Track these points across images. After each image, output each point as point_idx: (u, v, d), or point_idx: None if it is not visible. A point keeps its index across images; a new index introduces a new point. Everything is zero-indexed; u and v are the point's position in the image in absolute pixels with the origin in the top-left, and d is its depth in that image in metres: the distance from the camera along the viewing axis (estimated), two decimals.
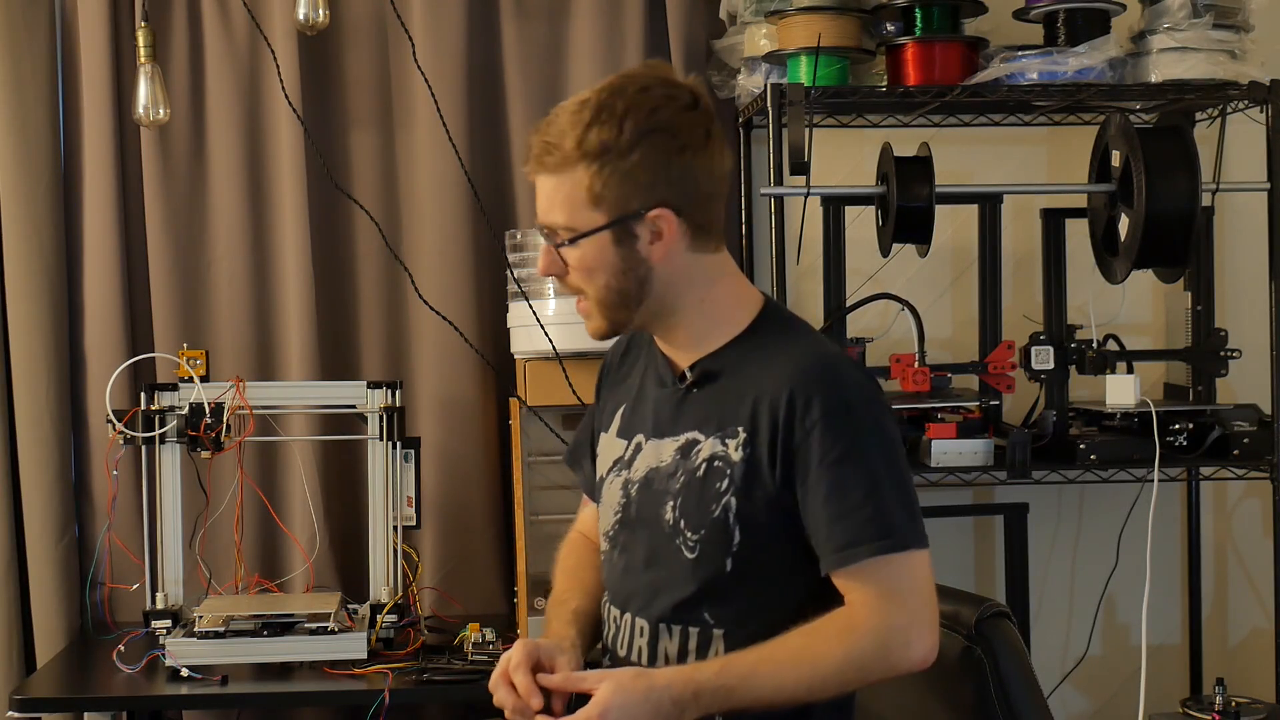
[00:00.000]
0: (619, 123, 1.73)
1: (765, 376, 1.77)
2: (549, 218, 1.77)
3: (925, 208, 2.97)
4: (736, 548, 1.75)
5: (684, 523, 1.78)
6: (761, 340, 1.82)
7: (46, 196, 3.23)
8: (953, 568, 3.45)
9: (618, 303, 1.78)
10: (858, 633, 1.70)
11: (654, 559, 1.81)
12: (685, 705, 1.65)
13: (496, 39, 3.35)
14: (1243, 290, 3.39)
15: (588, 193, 1.73)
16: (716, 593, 1.77)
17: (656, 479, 1.82)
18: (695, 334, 1.82)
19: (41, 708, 2.79)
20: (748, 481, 1.75)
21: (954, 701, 2.06)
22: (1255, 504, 3.45)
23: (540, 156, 1.75)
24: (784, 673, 1.68)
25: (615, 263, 1.76)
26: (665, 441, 1.82)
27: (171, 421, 2.94)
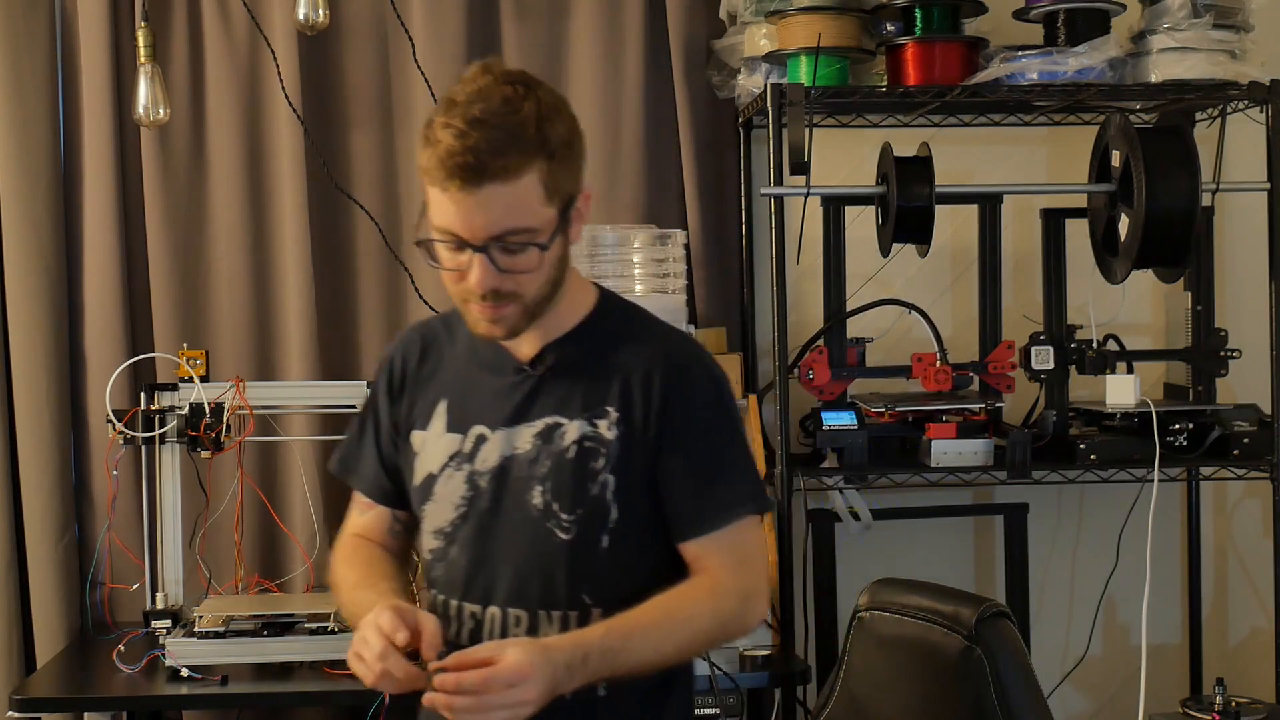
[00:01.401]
0: (557, 110, 1.71)
1: (629, 357, 1.80)
2: (505, 226, 1.67)
3: (925, 208, 2.97)
4: (613, 524, 1.78)
5: (557, 505, 1.77)
6: (611, 324, 1.85)
7: (46, 196, 3.23)
8: (953, 568, 3.45)
9: (549, 296, 1.77)
10: (723, 594, 1.76)
11: (520, 546, 1.79)
12: (575, 670, 1.66)
13: (496, 39, 3.35)
14: (1243, 290, 3.39)
15: (544, 190, 1.69)
16: (593, 572, 1.77)
17: (515, 466, 1.79)
18: (553, 318, 1.81)
19: (41, 708, 2.79)
20: (624, 459, 1.77)
21: (954, 701, 2.06)
22: (1255, 504, 3.45)
23: (485, 166, 1.65)
24: (661, 634, 1.72)
25: (558, 254, 1.76)
26: (519, 429, 1.80)
27: (171, 421, 2.94)
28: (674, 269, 3.14)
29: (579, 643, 1.68)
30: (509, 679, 1.61)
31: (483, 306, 1.73)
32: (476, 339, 1.83)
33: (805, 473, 3.01)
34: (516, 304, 1.73)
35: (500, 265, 1.69)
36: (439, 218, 1.71)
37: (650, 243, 3.13)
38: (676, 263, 3.15)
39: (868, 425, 3.02)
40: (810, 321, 3.29)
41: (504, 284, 1.71)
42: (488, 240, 1.68)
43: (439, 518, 1.85)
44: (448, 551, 1.84)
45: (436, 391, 1.87)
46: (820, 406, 3.05)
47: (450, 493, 1.83)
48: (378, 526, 1.96)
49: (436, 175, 1.68)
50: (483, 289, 1.70)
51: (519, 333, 1.78)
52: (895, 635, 2.20)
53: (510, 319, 1.74)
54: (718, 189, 3.36)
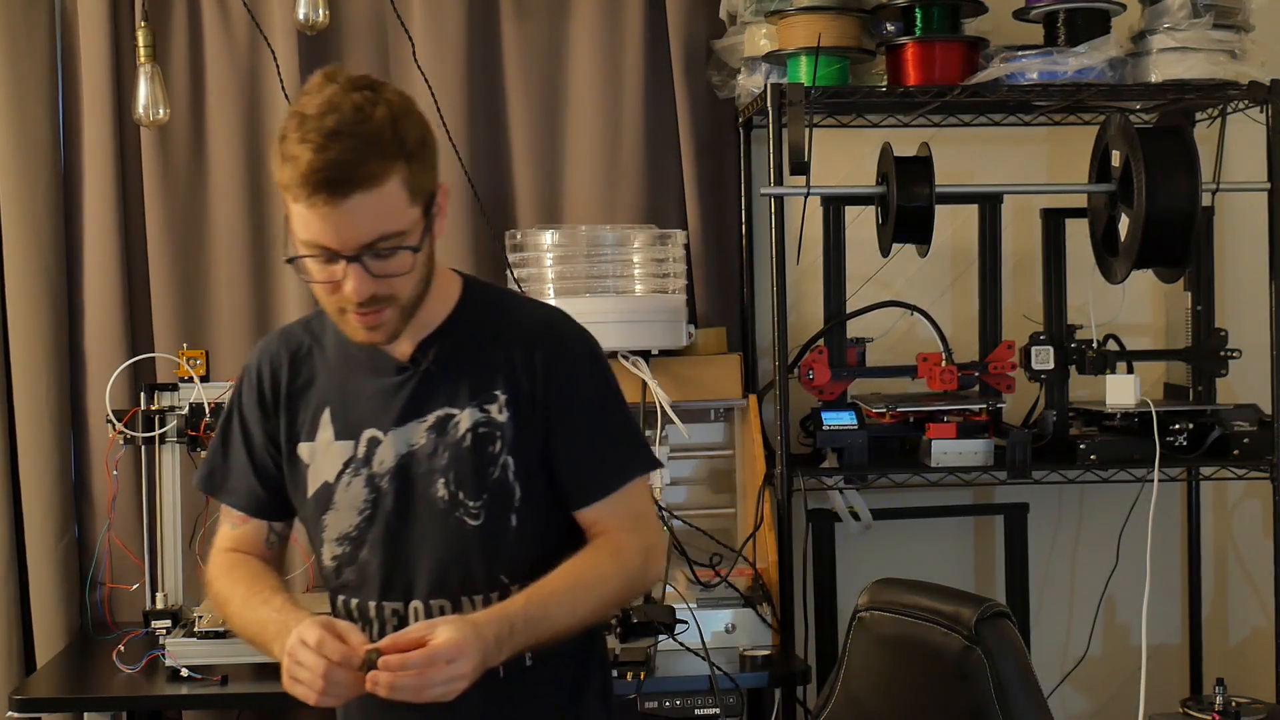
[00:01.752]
0: (408, 110, 1.72)
1: (507, 340, 1.84)
2: (375, 232, 1.67)
3: (925, 208, 2.97)
4: (518, 504, 1.82)
5: (462, 494, 1.81)
6: (479, 309, 1.87)
7: (46, 196, 3.23)
8: (953, 568, 3.45)
9: (421, 295, 1.78)
10: (625, 552, 1.83)
11: (433, 540, 1.83)
12: (504, 641, 1.70)
13: (496, 39, 3.35)
14: (1243, 290, 3.39)
15: (408, 191, 1.69)
16: (506, 552, 1.82)
17: (415, 463, 1.82)
18: (423, 314, 1.82)
19: (41, 708, 2.79)
20: (519, 439, 1.81)
21: (954, 701, 2.06)
22: (1255, 504, 3.45)
23: (348, 177, 1.64)
24: (576, 598, 1.77)
25: (429, 252, 1.77)
26: (411, 426, 1.83)
27: (171, 421, 2.94)
28: (674, 269, 3.14)
29: (504, 615, 1.72)
30: (446, 654, 1.64)
31: (360, 315, 1.74)
32: (347, 342, 1.85)
33: (805, 473, 3.01)
34: (393, 307, 1.75)
35: (374, 271, 1.70)
36: (306, 232, 1.69)
37: (650, 243, 3.13)
38: (676, 263, 3.15)
39: (868, 425, 3.02)
40: (810, 321, 3.29)
41: (379, 289, 1.72)
42: (359, 249, 1.68)
43: (342, 524, 1.87)
44: (356, 555, 1.87)
45: (317, 401, 1.88)
46: (820, 406, 3.05)
47: (351, 498, 1.86)
48: (253, 540, 1.97)
49: (300, 192, 1.66)
50: (360, 297, 1.71)
51: (398, 335, 1.80)
52: (895, 635, 2.20)
53: (389, 323, 1.77)
54: (718, 189, 3.36)
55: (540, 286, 3.07)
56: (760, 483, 3.01)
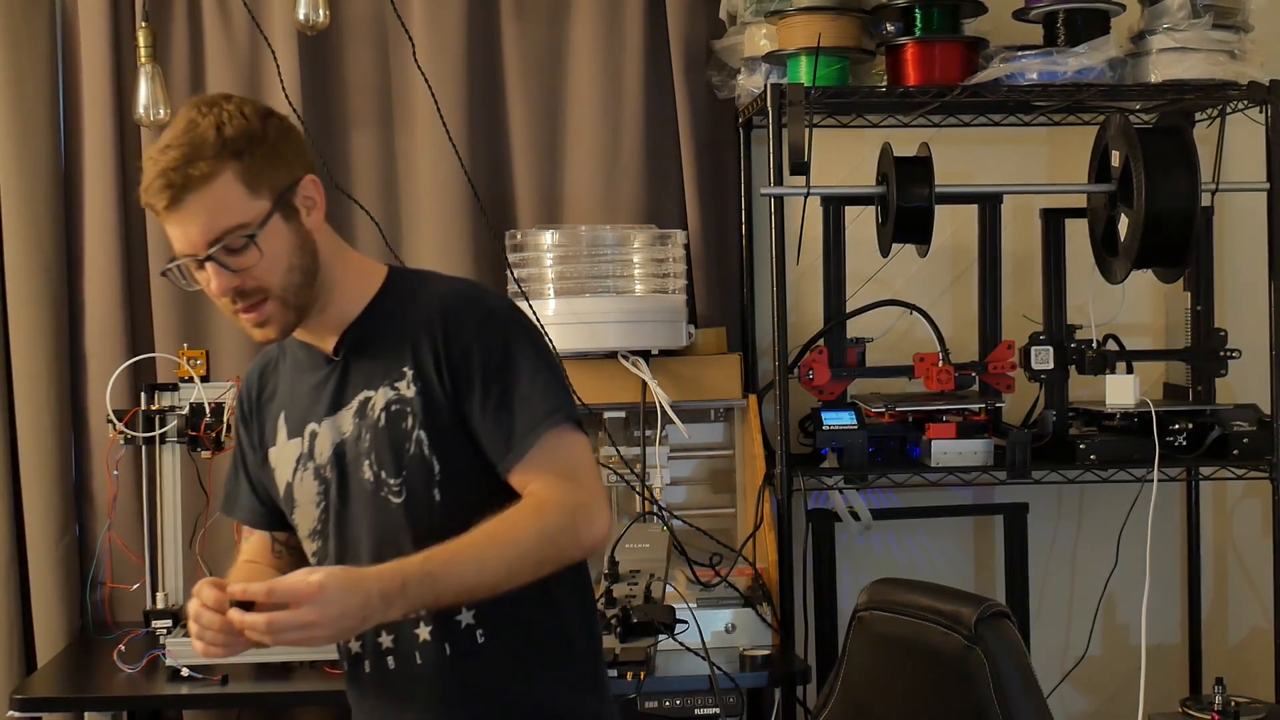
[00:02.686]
0: (241, 114, 1.79)
1: (415, 317, 1.86)
2: (217, 229, 1.75)
3: (925, 208, 2.98)
4: (439, 476, 1.82)
5: (384, 472, 1.83)
6: (398, 295, 1.90)
7: (46, 196, 3.23)
8: (952, 568, 3.45)
9: (301, 284, 1.82)
10: (546, 509, 1.78)
11: (367, 523, 1.85)
12: (393, 597, 1.67)
13: (496, 39, 3.35)
14: (1242, 290, 3.39)
15: (245, 186, 1.76)
16: (433, 527, 1.80)
17: (346, 450, 1.86)
18: (341, 305, 1.87)
19: (42, 707, 2.79)
20: (429, 412, 1.82)
21: (954, 701, 2.07)
22: (1255, 504, 3.45)
23: (179, 183, 1.74)
24: (484, 553, 1.74)
25: (293, 241, 1.81)
26: (340, 414, 1.87)
27: (172, 421, 2.95)
28: (674, 269, 3.15)
29: (396, 570, 1.70)
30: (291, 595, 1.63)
31: (244, 313, 1.82)
32: (297, 348, 1.93)
33: (805, 473, 3.01)
34: (272, 300, 1.81)
35: (230, 266, 1.77)
36: (174, 246, 1.80)
37: (650, 243, 3.13)
38: (676, 263, 3.15)
39: (868, 425, 3.02)
40: (810, 321, 3.29)
41: (244, 282, 1.78)
42: (208, 247, 1.76)
43: (308, 520, 1.91)
44: (326, 549, 1.90)
45: (276, 407, 1.96)
46: (820, 406, 3.06)
47: (307, 493, 1.90)
48: (261, 550, 2.03)
49: (150, 208, 1.78)
50: (222, 291, 1.79)
51: (291, 328, 1.84)
52: (895, 635, 2.20)
53: (274, 317, 1.82)
54: (718, 189, 3.36)
55: (540, 286, 3.07)
56: (760, 483, 3.02)
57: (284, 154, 1.81)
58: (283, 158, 1.81)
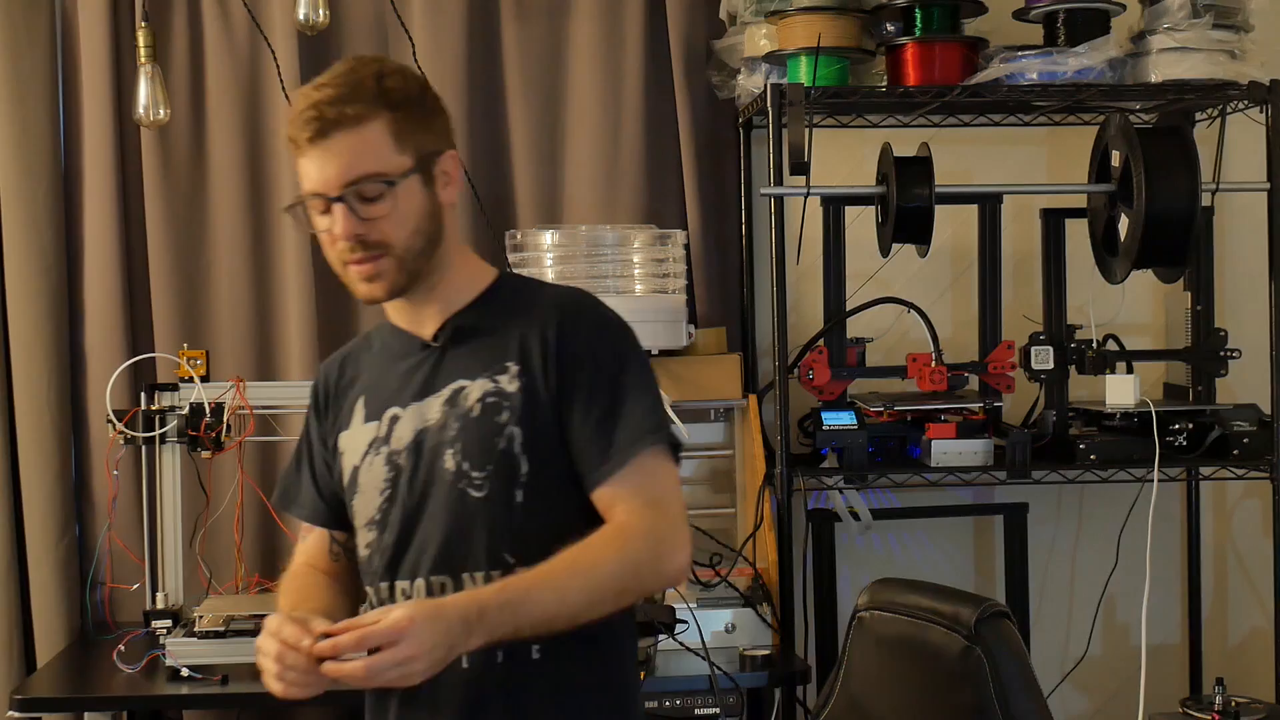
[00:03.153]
0: (402, 73, 1.82)
1: (527, 316, 1.84)
2: (357, 171, 1.75)
3: (925, 208, 2.98)
4: (525, 478, 1.78)
5: (468, 464, 1.79)
6: (508, 295, 1.90)
7: (46, 197, 3.23)
8: (953, 568, 3.45)
9: (421, 250, 1.81)
10: (630, 538, 1.74)
11: (441, 514, 1.80)
12: (472, 626, 1.64)
13: (496, 39, 3.35)
14: (1242, 290, 3.39)
15: (394, 138, 1.78)
16: (512, 529, 1.78)
17: (428, 436, 1.82)
18: (449, 293, 1.86)
19: (42, 707, 2.79)
20: (528, 409, 1.79)
21: (954, 701, 2.07)
22: (1255, 504, 3.45)
23: (331, 118, 1.75)
24: (564, 583, 1.70)
25: (425, 206, 1.81)
26: (428, 401, 1.83)
27: (172, 421, 2.94)
28: (674, 269, 3.15)
29: (474, 598, 1.67)
30: (386, 637, 1.60)
31: (358, 267, 1.79)
32: (389, 336, 1.91)
33: (805, 473, 3.01)
34: (389, 257, 1.78)
35: (360, 214, 1.76)
36: (304, 184, 1.80)
37: (650, 243, 3.13)
38: (676, 263, 3.15)
39: (868, 425, 3.02)
40: (810, 321, 3.29)
41: (369, 232, 1.77)
42: (343, 188, 1.76)
43: (368, 507, 1.86)
44: (380, 540, 1.85)
45: (356, 392, 1.92)
46: (820, 406, 3.05)
47: (373, 479, 1.85)
48: (318, 550, 1.97)
49: (294, 142, 1.80)
50: (347, 235, 1.76)
51: (398, 291, 1.82)
52: (895, 635, 2.20)
53: (386, 274, 1.79)
54: (718, 189, 3.36)
55: None
56: (760, 483, 3.02)
57: (434, 124, 1.84)
58: (433, 126, 1.83)
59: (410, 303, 1.86)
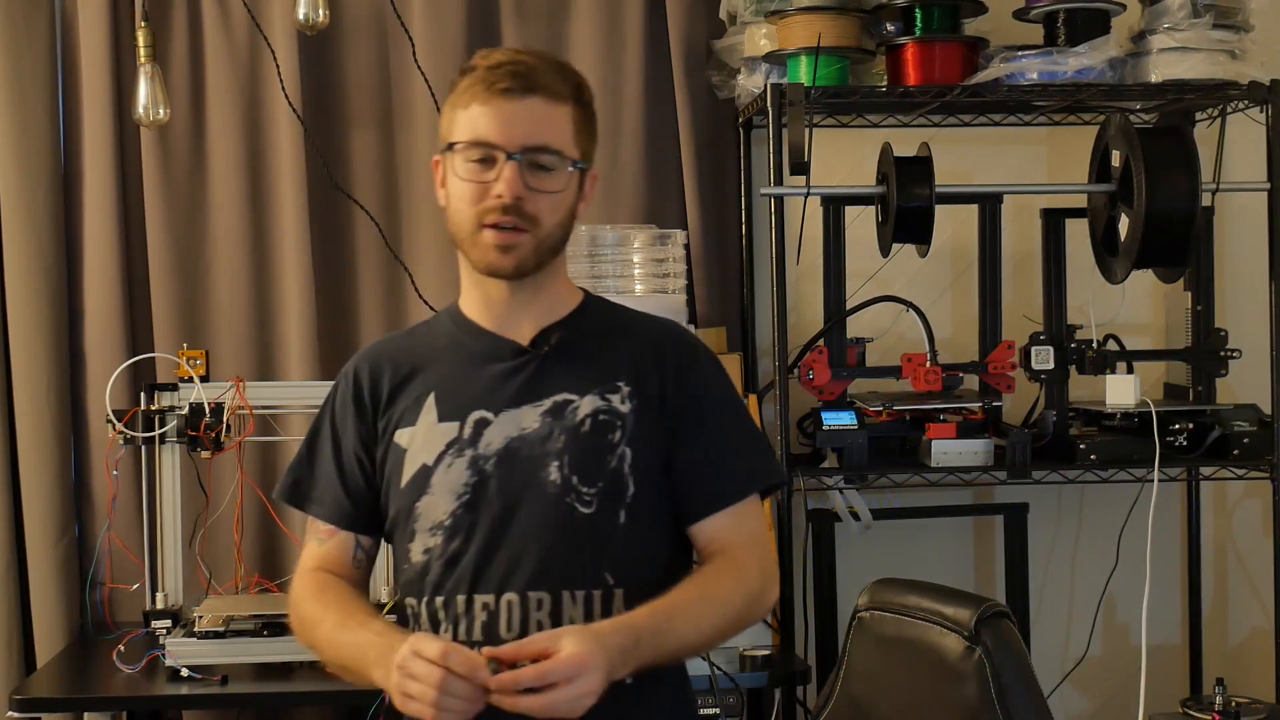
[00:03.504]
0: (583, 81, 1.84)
1: (633, 339, 1.84)
2: (544, 139, 1.75)
3: (925, 208, 2.97)
4: (630, 500, 1.77)
5: (576, 479, 1.76)
6: (603, 313, 1.90)
7: (46, 197, 3.23)
8: (952, 568, 3.44)
9: (556, 243, 1.81)
10: (746, 572, 1.77)
11: (538, 526, 1.76)
12: (628, 655, 1.63)
13: (496, 39, 3.35)
14: (1243, 290, 3.39)
15: (575, 130, 1.79)
16: (612, 548, 1.76)
17: (525, 446, 1.78)
18: (549, 301, 1.85)
19: (41, 708, 2.78)
20: (639, 433, 1.78)
21: (954, 701, 2.06)
22: (1255, 504, 3.45)
23: (536, 79, 1.75)
24: (699, 613, 1.71)
25: (571, 204, 1.81)
26: (525, 409, 1.79)
27: (171, 421, 2.94)
28: (674, 269, 3.14)
29: (629, 625, 1.66)
30: (568, 671, 1.58)
31: (497, 232, 1.76)
32: (459, 333, 1.87)
33: (805, 473, 3.01)
34: (531, 234, 1.77)
35: (529, 183, 1.74)
36: (471, 131, 1.76)
37: (650, 243, 3.13)
38: (676, 263, 3.15)
39: (868, 425, 3.02)
40: (810, 321, 3.29)
41: (528, 201, 1.75)
42: (522, 149, 1.74)
43: (436, 511, 1.79)
44: (448, 546, 1.78)
45: (421, 388, 1.85)
46: (820, 406, 3.05)
47: (451, 482, 1.79)
48: (340, 555, 1.89)
49: (478, 89, 1.75)
50: (511, 194, 1.73)
51: (524, 271, 1.79)
52: (895, 635, 2.20)
53: (522, 248, 1.77)
54: (718, 189, 3.36)
55: None
56: None
57: (595, 135, 1.85)
58: (595, 137, 1.85)
59: (507, 300, 1.83)
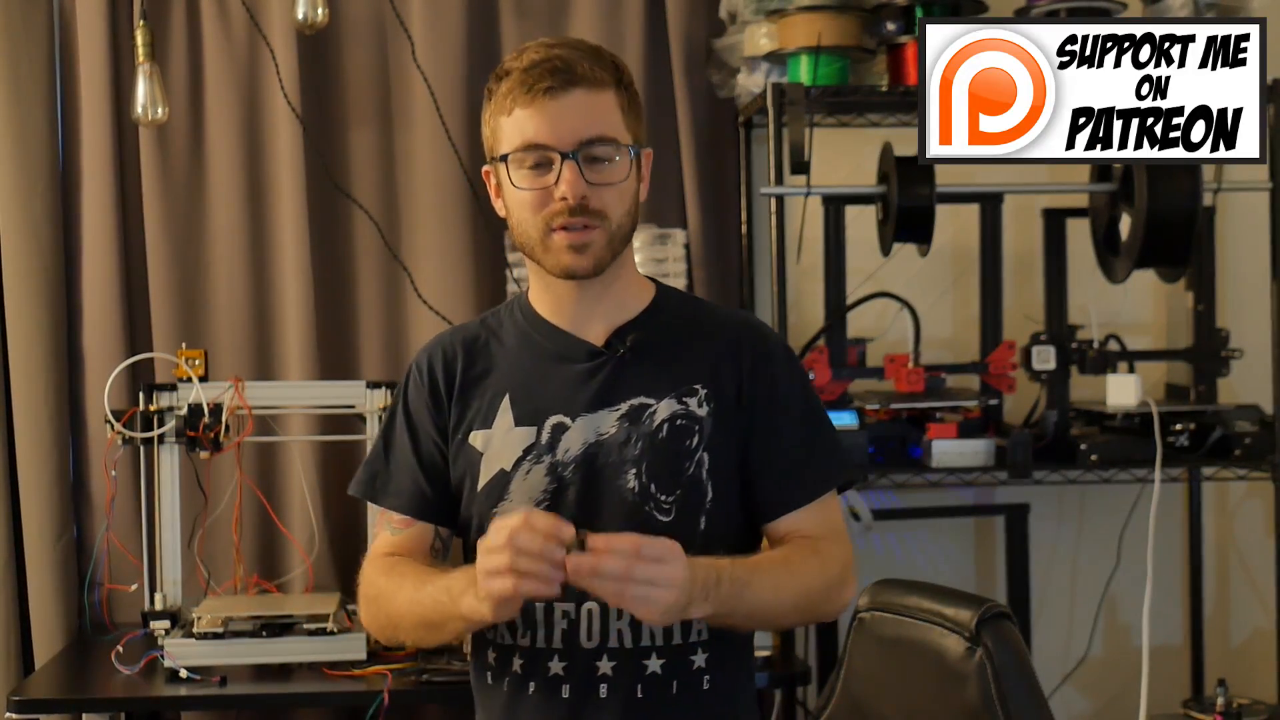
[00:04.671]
0: (620, 63, 1.79)
1: (709, 337, 1.81)
2: (595, 130, 1.71)
3: (926, 207, 2.97)
4: (709, 504, 1.76)
5: (654, 486, 1.75)
6: (677, 308, 1.87)
7: (45, 196, 3.22)
8: (953, 568, 3.44)
9: (626, 234, 1.78)
10: (828, 559, 1.77)
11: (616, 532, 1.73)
12: (709, 591, 1.62)
13: (496, 39, 3.34)
14: (1244, 290, 3.38)
15: (622, 112, 1.75)
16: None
17: (603, 451, 1.76)
18: (621, 297, 1.82)
19: (40, 709, 2.78)
20: (717, 436, 1.77)
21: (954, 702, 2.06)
22: (1257, 504, 3.45)
23: (577, 72, 1.71)
24: (779, 579, 1.71)
25: (634, 190, 1.78)
26: (602, 414, 1.77)
27: (170, 422, 2.94)
28: (674, 269, 3.14)
29: (713, 565, 1.64)
30: (657, 551, 1.56)
31: (568, 233, 1.73)
32: (530, 331, 1.84)
33: None
34: (602, 229, 1.74)
35: (588, 177, 1.71)
36: (520, 136, 1.72)
37: (650, 242, 3.13)
38: (676, 262, 3.15)
39: (868, 425, 3.02)
40: (810, 321, 3.29)
41: (592, 198, 1.72)
42: (577, 145, 1.71)
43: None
44: None
45: (494, 389, 1.83)
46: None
47: (530, 488, 1.78)
48: (417, 545, 1.87)
49: (519, 92, 1.72)
50: (574, 195, 1.71)
51: (599, 269, 1.76)
52: (896, 636, 2.19)
53: (595, 245, 1.74)
54: (718, 189, 3.36)
55: None
56: None
57: (642, 114, 1.81)
58: (642, 118, 1.80)
59: (579, 299, 1.81)
